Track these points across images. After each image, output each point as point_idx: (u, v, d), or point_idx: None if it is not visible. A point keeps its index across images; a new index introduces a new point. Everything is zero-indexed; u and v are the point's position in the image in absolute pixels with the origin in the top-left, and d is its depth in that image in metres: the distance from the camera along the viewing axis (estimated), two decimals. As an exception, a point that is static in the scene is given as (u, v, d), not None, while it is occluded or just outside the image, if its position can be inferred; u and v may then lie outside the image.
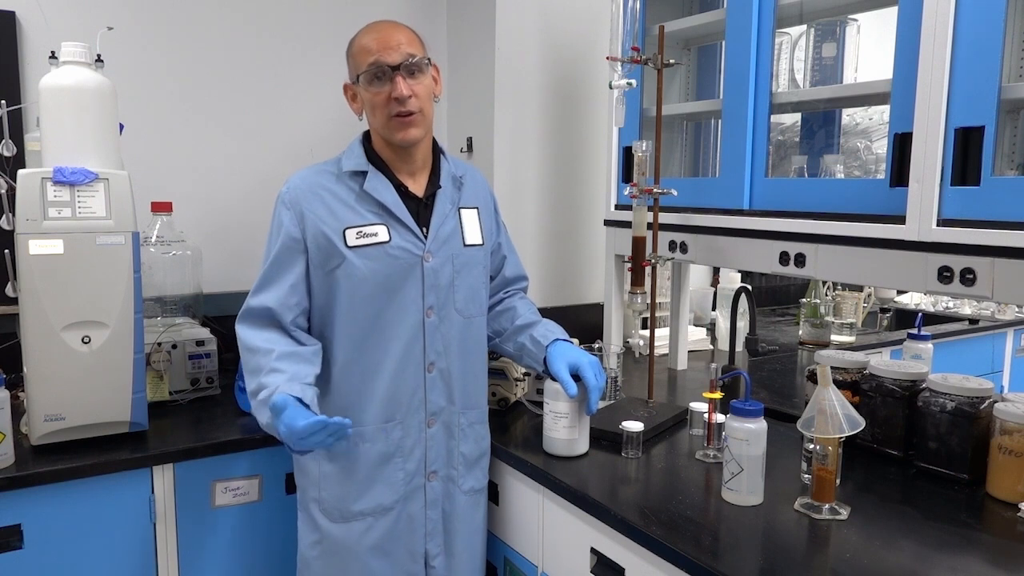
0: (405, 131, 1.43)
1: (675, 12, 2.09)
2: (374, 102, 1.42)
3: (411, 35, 1.44)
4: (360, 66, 1.42)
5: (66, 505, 1.47)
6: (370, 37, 1.43)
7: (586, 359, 1.50)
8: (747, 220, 1.69)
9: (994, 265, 1.26)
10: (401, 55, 1.40)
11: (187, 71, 2.16)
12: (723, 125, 1.76)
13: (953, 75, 1.29)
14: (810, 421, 1.24)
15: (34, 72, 1.94)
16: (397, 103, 1.40)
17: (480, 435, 1.58)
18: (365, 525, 1.46)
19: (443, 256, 1.48)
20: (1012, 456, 1.29)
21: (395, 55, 1.40)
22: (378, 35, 1.42)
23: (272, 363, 1.36)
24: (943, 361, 2.05)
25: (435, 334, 1.48)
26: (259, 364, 1.38)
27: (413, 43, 1.43)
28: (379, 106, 1.42)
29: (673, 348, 2.32)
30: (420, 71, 1.43)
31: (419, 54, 1.43)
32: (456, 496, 1.54)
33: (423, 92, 1.44)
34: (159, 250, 1.91)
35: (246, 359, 1.41)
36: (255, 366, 1.38)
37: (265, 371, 1.36)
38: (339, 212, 1.43)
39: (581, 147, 2.48)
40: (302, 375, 1.36)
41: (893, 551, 1.14)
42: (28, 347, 1.47)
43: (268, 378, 1.34)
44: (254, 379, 1.38)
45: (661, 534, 1.20)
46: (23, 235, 1.44)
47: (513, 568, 1.61)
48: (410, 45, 1.42)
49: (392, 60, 1.39)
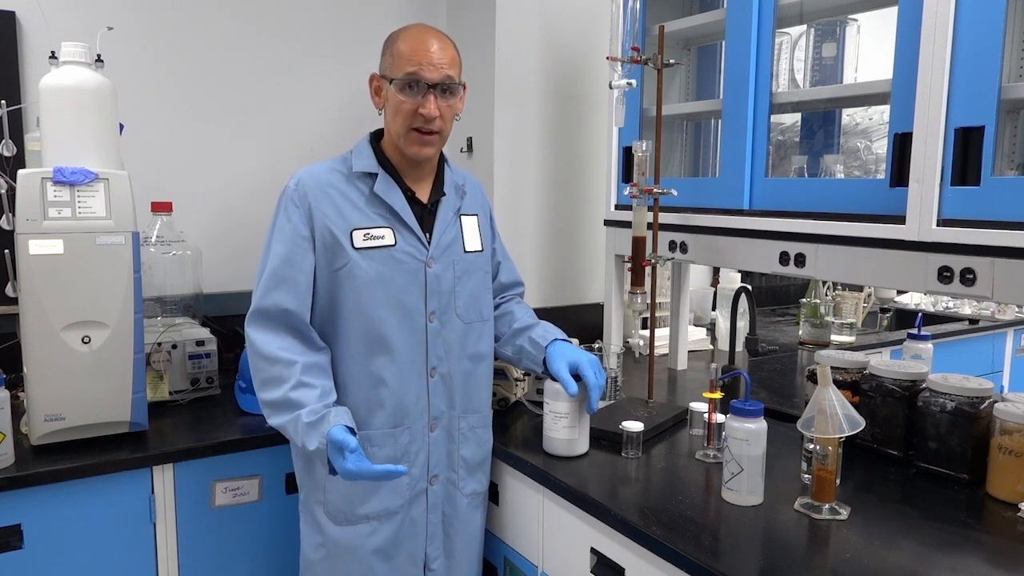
0: (421, 148, 1.43)
1: (675, 12, 2.09)
2: (401, 109, 1.41)
3: (454, 55, 1.45)
4: (397, 70, 1.41)
5: (66, 505, 1.47)
6: (417, 46, 1.40)
7: (585, 358, 1.50)
8: (747, 220, 1.69)
9: (994, 265, 1.26)
10: (441, 76, 1.40)
11: (187, 71, 2.16)
12: (723, 125, 1.76)
13: (953, 75, 1.29)
14: (810, 421, 1.24)
15: (34, 72, 1.94)
16: (423, 119, 1.40)
17: (482, 439, 1.58)
18: (370, 529, 1.46)
19: (444, 262, 1.48)
20: (1012, 456, 1.29)
21: (436, 74, 1.40)
22: (425, 47, 1.40)
23: (299, 376, 1.35)
24: (943, 361, 2.05)
25: (436, 339, 1.48)
26: (281, 375, 1.36)
27: (454, 65, 1.44)
28: (404, 114, 1.41)
29: (673, 348, 2.32)
30: (453, 94, 1.44)
31: (457, 78, 1.44)
32: (457, 499, 1.54)
33: (449, 114, 1.45)
34: (159, 250, 1.91)
35: (261, 367, 1.39)
36: (275, 376, 1.36)
37: (292, 384, 1.34)
38: (347, 213, 1.43)
39: (581, 147, 2.48)
40: (328, 388, 1.38)
41: (893, 551, 1.14)
42: (28, 347, 1.47)
43: (299, 393, 1.34)
44: (275, 390, 1.36)
45: (661, 534, 1.20)
46: (23, 235, 1.44)
47: (513, 568, 1.61)
48: (451, 67, 1.42)
49: (431, 78, 1.40)
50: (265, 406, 1.38)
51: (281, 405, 1.35)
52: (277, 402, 1.36)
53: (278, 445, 1.65)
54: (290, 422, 1.34)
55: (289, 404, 1.34)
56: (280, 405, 1.35)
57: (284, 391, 1.34)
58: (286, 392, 1.34)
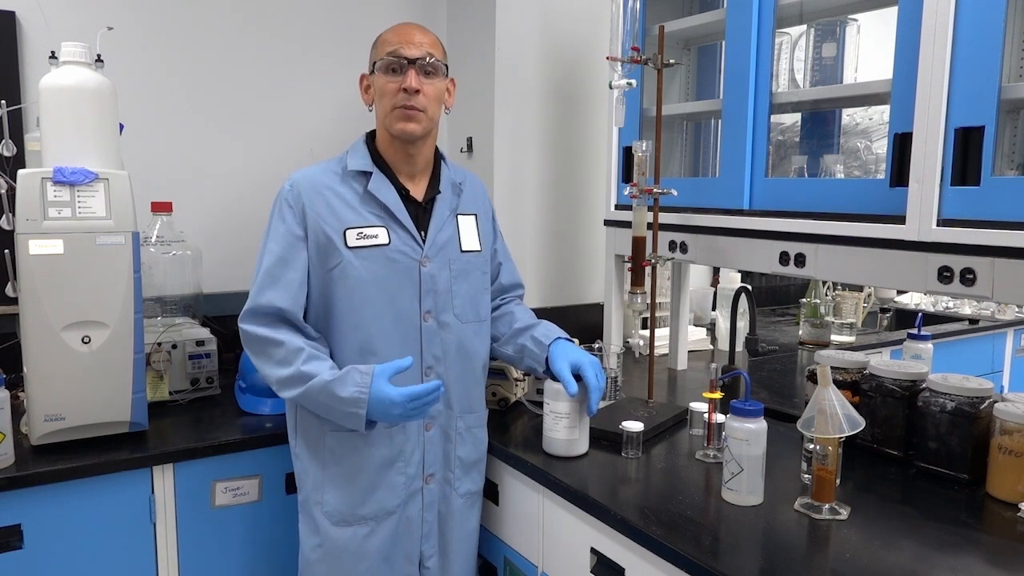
0: (406, 123, 1.44)
1: (675, 12, 2.09)
2: (384, 90, 1.44)
3: (435, 40, 1.48)
4: (379, 55, 1.45)
5: (66, 505, 1.47)
6: (395, 32, 1.46)
7: (587, 359, 1.50)
8: (747, 220, 1.69)
9: (994, 265, 1.26)
10: (420, 52, 1.43)
11: (187, 71, 2.16)
12: (723, 125, 1.76)
13: (953, 75, 1.29)
14: (810, 421, 1.24)
15: (34, 72, 1.94)
16: (405, 94, 1.42)
17: (478, 439, 1.58)
18: (367, 529, 1.46)
19: (440, 261, 1.48)
20: (1012, 456, 1.29)
21: (415, 50, 1.43)
22: (404, 30, 1.46)
23: (308, 350, 1.37)
24: (943, 361, 2.05)
25: (433, 339, 1.48)
26: (289, 353, 1.37)
27: (435, 46, 1.47)
28: (387, 94, 1.44)
29: (673, 348, 2.32)
30: (435, 73, 1.46)
31: (438, 58, 1.46)
32: (452, 499, 1.54)
33: (432, 93, 1.45)
34: (159, 250, 1.91)
35: (268, 350, 1.39)
36: (284, 355, 1.37)
37: (303, 358, 1.36)
38: (341, 212, 1.43)
39: (581, 147, 2.48)
40: (334, 365, 1.39)
41: (893, 551, 1.14)
42: (28, 347, 1.47)
43: (311, 365, 1.35)
44: (286, 368, 1.36)
45: (661, 534, 1.20)
46: (23, 235, 1.44)
47: (513, 568, 1.61)
48: (432, 47, 1.45)
49: (410, 54, 1.42)
50: (278, 383, 1.39)
51: (296, 378, 1.36)
52: (289, 377, 1.36)
53: (278, 445, 1.65)
54: (310, 388, 1.34)
55: (304, 376, 1.35)
56: (295, 378, 1.36)
57: (295, 367, 1.36)
58: (298, 367, 1.35)
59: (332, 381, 1.33)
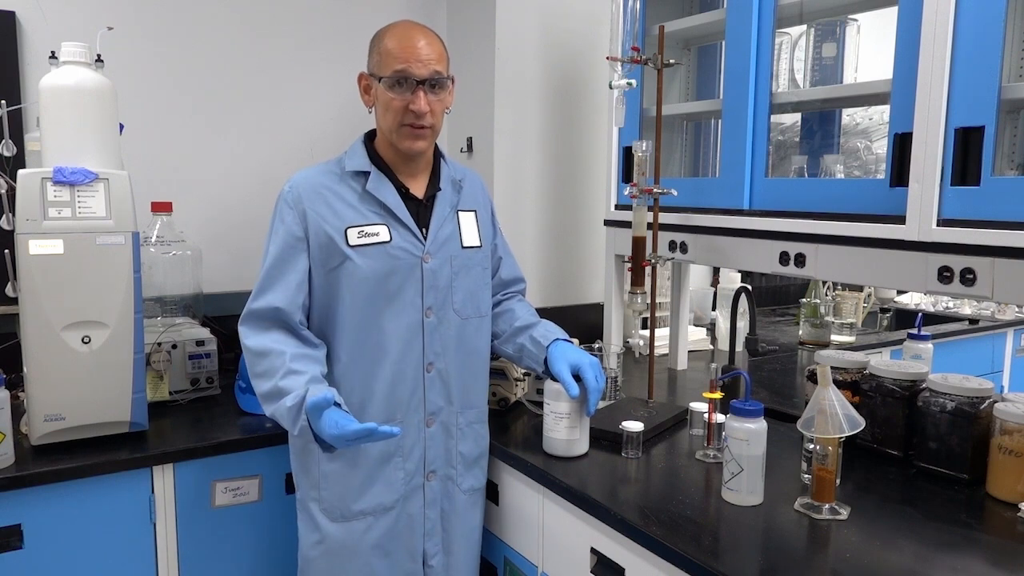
0: (414, 142, 1.44)
1: (675, 12, 2.09)
2: (391, 106, 1.42)
3: (441, 50, 1.45)
4: (385, 68, 1.41)
5: (66, 505, 1.47)
6: (404, 43, 1.41)
7: (587, 360, 1.50)
8: (747, 220, 1.69)
9: (994, 265, 1.26)
10: (429, 71, 1.40)
11: (187, 71, 2.16)
12: (723, 125, 1.76)
13: (953, 75, 1.29)
14: (810, 421, 1.24)
15: (34, 72, 1.94)
16: (414, 115, 1.41)
17: (479, 435, 1.58)
18: (365, 525, 1.46)
19: (442, 257, 1.48)
20: (1012, 456, 1.29)
21: (423, 70, 1.40)
22: (412, 43, 1.41)
23: (288, 364, 1.35)
24: (943, 361, 2.05)
25: (434, 334, 1.48)
26: (272, 366, 1.37)
27: (442, 60, 1.44)
28: (395, 111, 1.42)
29: (673, 348, 2.32)
30: (442, 88, 1.44)
31: (445, 72, 1.44)
32: (455, 495, 1.54)
33: (439, 108, 1.45)
34: (159, 250, 1.91)
35: (254, 362, 1.40)
36: (267, 368, 1.37)
37: (281, 373, 1.35)
38: (341, 211, 1.43)
39: (581, 147, 2.48)
40: (317, 376, 1.37)
41: (893, 551, 1.14)
42: (28, 347, 1.47)
43: (287, 381, 1.34)
44: (267, 381, 1.36)
45: (661, 534, 1.20)
46: (23, 235, 1.44)
47: (513, 568, 1.61)
48: (439, 62, 1.43)
49: (419, 74, 1.40)
50: (260, 398, 1.40)
51: (272, 395, 1.36)
52: (268, 392, 1.37)
53: (278, 445, 1.65)
54: (278, 409, 1.35)
55: (278, 393, 1.35)
56: (271, 395, 1.36)
57: (274, 381, 1.35)
58: (276, 382, 1.35)
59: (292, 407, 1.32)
